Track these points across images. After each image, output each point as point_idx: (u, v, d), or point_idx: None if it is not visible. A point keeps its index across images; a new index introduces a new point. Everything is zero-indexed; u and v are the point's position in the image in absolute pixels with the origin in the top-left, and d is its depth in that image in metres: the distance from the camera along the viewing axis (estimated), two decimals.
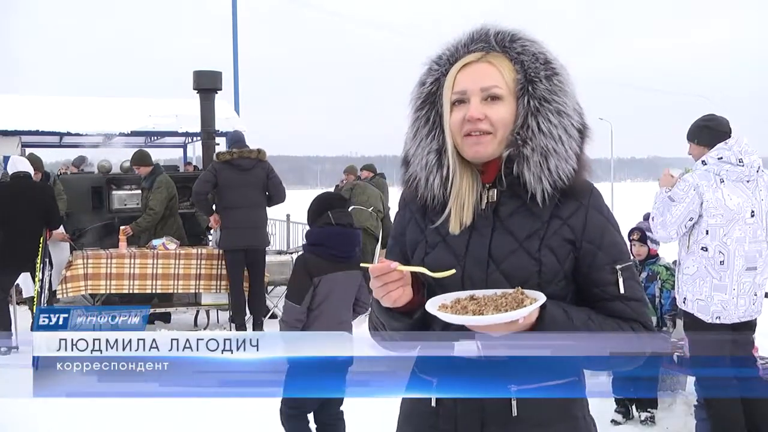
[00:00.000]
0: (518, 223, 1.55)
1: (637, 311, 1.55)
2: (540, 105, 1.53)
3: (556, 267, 1.53)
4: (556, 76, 1.55)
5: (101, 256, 7.18)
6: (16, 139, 14.21)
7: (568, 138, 1.53)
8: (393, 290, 1.49)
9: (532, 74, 1.55)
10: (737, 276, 3.87)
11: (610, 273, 1.55)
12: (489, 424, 1.53)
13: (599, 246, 1.55)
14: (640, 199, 24.69)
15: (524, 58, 1.56)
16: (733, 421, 3.95)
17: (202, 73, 8.98)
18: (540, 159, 1.51)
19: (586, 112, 1.61)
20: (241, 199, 7.12)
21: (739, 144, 3.92)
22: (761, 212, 3.93)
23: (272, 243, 14.42)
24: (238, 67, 17.72)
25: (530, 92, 1.54)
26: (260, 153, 7.37)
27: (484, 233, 1.56)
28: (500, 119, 1.53)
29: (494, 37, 1.59)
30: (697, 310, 3.94)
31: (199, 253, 7.46)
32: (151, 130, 14.91)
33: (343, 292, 3.73)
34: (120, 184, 8.79)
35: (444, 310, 1.44)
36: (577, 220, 1.55)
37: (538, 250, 1.53)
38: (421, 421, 1.60)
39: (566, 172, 1.52)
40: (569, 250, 1.55)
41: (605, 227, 1.57)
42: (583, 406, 1.61)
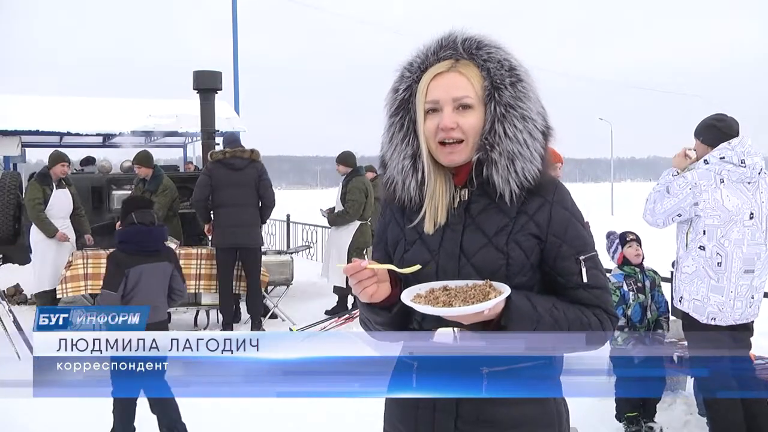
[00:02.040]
0: (488, 220, 1.67)
1: (600, 298, 1.68)
2: (506, 111, 1.64)
3: (523, 259, 1.65)
4: (520, 83, 1.66)
5: (101, 256, 7.17)
6: (16, 139, 14.23)
7: (533, 141, 1.65)
8: (368, 286, 1.62)
9: (497, 81, 1.65)
10: (735, 278, 3.85)
11: (574, 263, 1.67)
12: (463, 401, 1.66)
13: (563, 239, 1.67)
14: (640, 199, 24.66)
15: (490, 66, 1.67)
16: (733, 421, 3.94)
17: (202, 73, 8.99)
18: (507, 162, 1.63)
19: (585, 113, 1.69)
20: (231, 197, 7.14)
21: (742, 145, 3.89)
22: (761, 214, 3.90)
23: (272, 243, 14.46)
24: (238, 67, 17.73)
25: (496, 99, 1.65)
26: (253, 153, 7.38)
27: (456, 230, 1.69)
28: (471, 127, 1.65)
29: (461, 44, 1.69)
30: (693, 310, 3.92)
31: (199, 253, 7.46)
32: (151, 130, 14.91)
33: (150, 280, 4.23)
34: (120, 184, 8.80)
35: (418, 300, 1.58)
36: (542, 215, 1.67)
37: (505, 244, 1.65)
38: (404, 399, 1.73)
39: (532, 173, 1.64)
40: (535, 244, 1.66)
41: (569, 221, 1.69)
42: (553, 387, 1.70)
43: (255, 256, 7.35)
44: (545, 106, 1.71)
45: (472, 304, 1.52)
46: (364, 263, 1.61)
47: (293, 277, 8.17)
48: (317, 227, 12.88)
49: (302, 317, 7.79)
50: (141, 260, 4.23)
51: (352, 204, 8.12)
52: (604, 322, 1.66)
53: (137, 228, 4.33)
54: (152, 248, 4.33)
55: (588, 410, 4.46)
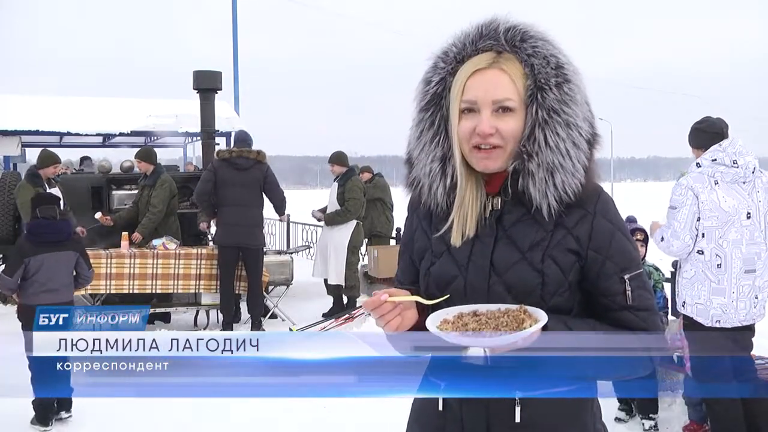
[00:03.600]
0: (522, 233, 1.51)
1: (646, 321, 1.52)
2: (548, 116, 1.47)
3: (560, 278, 1.49)
4: (567, 84, 1.49)
5: (101, 256, 7.18)
6: (16, 139, 14.23)
7: (576, 151, 1.48)
8: (391, 320, 1.49)
9: (542, 81, 1.48)
10: (736, 279, 3.84)
11: (618, 282, 1.50)
12: (494, 427, 1.52)
13: (606, 255, 1.51)
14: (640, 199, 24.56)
15: (535, 61, 1.49)
16: (733, 422, 3.94)
17: (202, 73, 8.98)
18: (546, 175, 1.47)
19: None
20: (235, 196, 7.15)
21: (733, 145, 3.91)
22: (758, 214, 3.90)
23: (272, 243, 14.44)
24: (238, 67, 17.72)
25: (539, 101, 1.48)
26: (260, 154, 7.39)
27: (487, 242, 1.53)
28: (511, 132, 1.48)
29: (504, 34, 1.51)
30: (696, 313, 3.92)
31: (199, 253, 7.46)
32: (151, 130, 14.91)
33: (52, 267, 4.78)
34: (120, 184, 8.78)
35: (446, 326, 1.44)
36: (583, 228, 1.51)
37: (541, 261, 1.49)
38: (429, 422, 1.61)
39: (573, 186, 1.48)
40: (574, 261, 1.50)
41: (613, 234, 1.52)
42: (594, 413, 1.58)
43: (256, 255, 7.35)
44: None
45: (505, 332, 1.38)
46: (384, 296, 1.47)
47: (293, 277, 8.17)
48: (317, 227, 12.86)
49: (302, 317, 7.80)
50: (43, 250, 4.76)
51: (354, 203, 8.14)
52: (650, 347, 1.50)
53: (39, 222, 4.85)
54: (54, 239, 4.84)
55: None
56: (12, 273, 4.74)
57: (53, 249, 4.82)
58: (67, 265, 4.88)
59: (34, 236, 4.85)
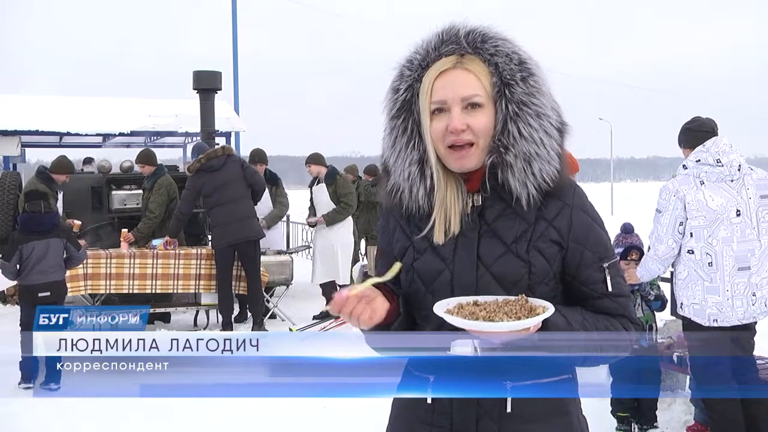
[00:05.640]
0: (505, 226, 1.56)
1: (624, 306, 1.60)
2: (519, 109, 1.52)
3: (546, 268, 1.55)
4: (532, 77, 1.54)
5: (101, 256, 7.18)
6: (16, 139, 14.23)
7: (549, 139, 1.53)
8: (360, 313, 1.49)
9: (508, 77, 1.53)
10: (729, 277, 3.84)
11: (597, 271, 1.58)
12: (484, 418, 1.55)
13: (585, 245, 1.57)
14: (640, 199, 24.55)
15: (498, 60, 1.54)
16: (733, 422, 3.94)
17: (201, 73, 8.98)
18: (523, 165, 1.52)
19: (585, 113, 1.61)
20: (221, 197, 7.13)
21: (716, 145, 3.92)
22: (749, 211, 3.89)
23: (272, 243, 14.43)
24: (238, 67, 17.74)
25: (508, 96, 1.52)
26: (225, 149, 7.43)
27: (471, 237, 1.57)
28: (482, 128, 1.52)
29: (465, 38, 1.56)
30: (693, 314, 3.92)
31: (199, 253, 7.45)
32: (151, 130, 14.91)
33: (42, 252, 5.61)
34: (120, 184, 8.78)
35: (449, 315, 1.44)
36: (563, 220, 1.57)
37: (526, 252, 1.54)
38: (415, 417, 1.61)
39: (550, 173, 1.53)
40: (557, 251, 1.56)
41: (590, 226, 1.59)
42: (576, 404, 1.64)
43: (254, 248, 7.26)
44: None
45: (517, 319, 1.40)
46: (344, 294, 1.47)
47: (293, 277, 8.17)
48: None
49: (302, 317, 7.80)
50: (32, 238, 5.62)
51: (350, 197, 8.18)
52: (630, 332, 1.59)
53: (27, 215, 5.76)
54: (41, 229, 5.68)
55: (585, 410, 4.45)
56: (7, 259, 5.62)
57: (41, 237, 5.65)
58: (55, 250, 5.70)
59: (23, 227, 5.74)
